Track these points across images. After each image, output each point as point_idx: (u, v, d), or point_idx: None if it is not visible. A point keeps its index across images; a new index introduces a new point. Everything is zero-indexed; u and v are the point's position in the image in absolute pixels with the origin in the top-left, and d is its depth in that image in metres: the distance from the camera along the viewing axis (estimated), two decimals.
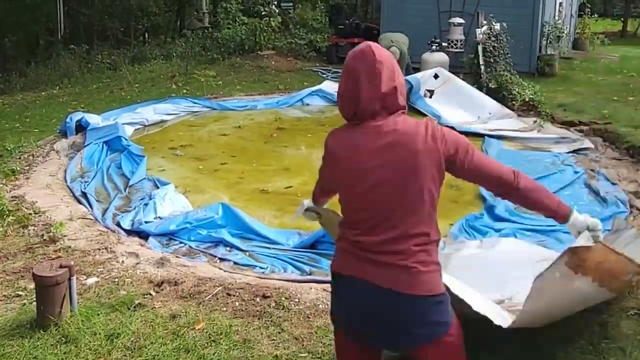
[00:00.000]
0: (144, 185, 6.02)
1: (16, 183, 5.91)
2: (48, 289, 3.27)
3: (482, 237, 4.73)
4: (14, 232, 4.72)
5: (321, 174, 2.34)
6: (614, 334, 3.33)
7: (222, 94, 10.43)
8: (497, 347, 3.19)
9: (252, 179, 6.41)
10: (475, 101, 8.92)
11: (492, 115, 8.62)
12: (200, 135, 8.09)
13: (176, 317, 3.48)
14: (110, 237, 4.70)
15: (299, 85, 11.17)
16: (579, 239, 2.14)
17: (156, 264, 4.22)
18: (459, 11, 11.45)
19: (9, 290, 3.82)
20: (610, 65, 12.64)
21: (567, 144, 7.38)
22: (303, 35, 14.72)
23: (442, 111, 8.67)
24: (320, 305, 3.66)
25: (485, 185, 2.23)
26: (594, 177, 6.19)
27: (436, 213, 2.07)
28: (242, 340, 3.26)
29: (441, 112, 8.64)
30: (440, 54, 10.56)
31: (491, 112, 8.70)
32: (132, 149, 6.91)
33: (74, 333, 3.24)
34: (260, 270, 4.32)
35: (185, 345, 3.19)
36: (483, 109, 8.74)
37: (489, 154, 6.98)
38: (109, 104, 9.68)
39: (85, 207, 5.45)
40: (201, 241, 4.77)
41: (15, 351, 3.13)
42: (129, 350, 3.16)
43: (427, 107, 8.92)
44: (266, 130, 8.32)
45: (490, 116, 8.60)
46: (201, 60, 13.84)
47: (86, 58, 15.17)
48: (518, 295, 3.05)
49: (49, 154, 6.97)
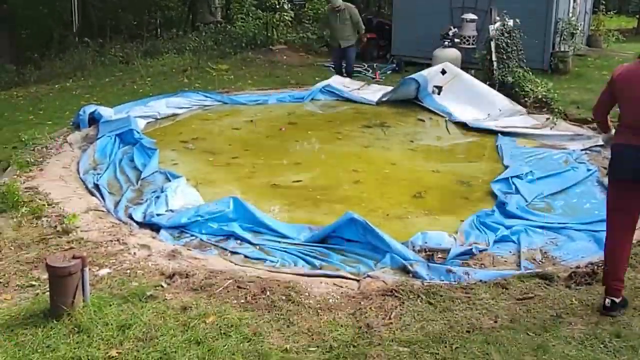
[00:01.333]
0: (155, 178, 6.05)
1: (30, 174, 5.96)
2: (61, 280, 3.31)
3: (494, 234, 4.72)
4: (28, 223, 4.77)
5: (603, 96, 3.81)
6: (626, 332, 3.33)
7: (233, 88, 10.45)
8: (508, 348, 3.20)
9: (263, 173, 6.43)
10: (485, 98, 8.81)
11: (502, 113, 8.52)
12: (211, 129, 8.12)
13: (187, 309, 3.51)
14: (123, 229, 4.74)
15: (310, 81, 11.16)
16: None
17: (167, 256, 4.26)
18: (472, 7, 11.37)
19: (23, 280, 3.87)
20: (624, 63, 12.49)
21: (581, 142, 7.32)
22: (315, 30, 14.70)
23: (451, 108, 8.60)
24: (330, 300, 3.68)
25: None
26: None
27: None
28: (252, 333, 3.29)
29: (450, 109, 8.58)
30: (452, 50, 10.50)
31: (501, 109, 8.59)
32: (144, 142, 6.94)
33: (86, 323, 3.28)
34: (270, 263, 4.34)
35: (195, 337, 3.22)
36: (493, 106, 8.64)
37: (502, 150, 6.97)
38: (121, 97, 9.73)
39: (97, 199, 5.49)
40: (212, 234, 4.80)
41: (28, 340, 3.17)
42: (140, 341, 3.20)
43: (436, 104, 8.85)
44: (277, 124, 8.33)
45: (500, 113, 8.51)
46: (213, 55, 13.86)
47: (99, 51, 15.24)
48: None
49: (62, 146, 7.03)
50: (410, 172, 6.50)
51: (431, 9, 11.85)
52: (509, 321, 3.44)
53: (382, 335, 3.29)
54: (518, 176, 5.99)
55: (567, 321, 3.44)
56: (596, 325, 3.38)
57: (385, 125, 8.31)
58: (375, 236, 4.49)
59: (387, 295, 3.72)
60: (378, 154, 7.14)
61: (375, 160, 6.90)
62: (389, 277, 4.03)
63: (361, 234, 4.58)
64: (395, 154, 7.15)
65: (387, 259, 4.32)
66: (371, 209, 5.40)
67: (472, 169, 6.50)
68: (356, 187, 6.02)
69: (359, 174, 6.37)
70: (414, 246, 4.50)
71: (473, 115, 8.43)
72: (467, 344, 3.20)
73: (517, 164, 6.42)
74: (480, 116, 8.45)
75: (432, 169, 6.56)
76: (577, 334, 3.31)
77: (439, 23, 11.37)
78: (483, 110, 8.59)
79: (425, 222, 5.16)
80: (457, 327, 3.38)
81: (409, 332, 3.33)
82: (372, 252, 4.49)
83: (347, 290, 3.83)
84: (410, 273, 4.13)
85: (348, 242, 4.63)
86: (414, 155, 7.12)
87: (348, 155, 7.10)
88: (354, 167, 6.59)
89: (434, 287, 3.80)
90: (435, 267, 4.19)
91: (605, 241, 3.65)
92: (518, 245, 4.59)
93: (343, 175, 6.41)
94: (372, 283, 3.92)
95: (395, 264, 4.26)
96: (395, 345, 3.19)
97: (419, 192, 5.81)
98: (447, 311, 3.54)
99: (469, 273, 4.08)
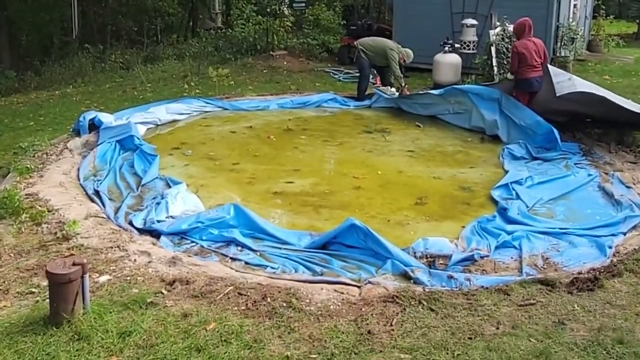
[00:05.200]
0: (156, 184, 6.04)
1: (30, 181, 5.96)
2: (61, 287, 3.30)
3: (495, 240, 4.71)
4: (28, 230, 4.76)
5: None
6: (628, 339, 3.31)
7: (234, 94, 10.46)
8: (510, 355, 3.18)
9: (263, 179, 6.42)
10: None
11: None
12: (212, 135, 8.12)
13: (188, 316, 3.50)
14: (123, 236, 4.73)
15: (310, 86, 11.18)
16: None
17: (168, 262, 4.24)
18: (472, 12, 11.39)
19: (23, 287, 3.85)
20: (625, 68, 12.53)
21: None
22: (315, 35, 14.73)
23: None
24: (331, 306, 3.67)
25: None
26: (608, 180, 6.13)
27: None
28: (253, 340, 3.27)
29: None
30: (453, 55, 10.52)
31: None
32: (144, 148, 6.94)
33: (86, 330, 3.26)
34: (271, 270, 4.32)
35: (196, 345, 3.20)
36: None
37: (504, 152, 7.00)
38: (121, 103, 9.74)
39: (98, 206, 5.48)
40: (213, 241, 4.78)
41: (28, 347, 3.16)
42: (140, 348, 3.18)
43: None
44: (278, 131, 8.33)
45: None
46: (213, 60, 13.89)
47: (100, 57, 15.30)
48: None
49: (63, 153, 7.03)
50: (410, 178, 6.49)
51: (431, 14, 11.89)
52: (510, 327, 3.42)
53: (383, 341, 3.27)
54: (517, 182, 5.99)
55: (570, 327, 3.42)
56: (599, 332, 3.37)
57: (385, 131, 8.31)
58: (376, 242, 4.48)
59: (388, 302, 3.70)
60: (379, 159, 7.13)
61: (376, 166, 6.89)
62: (390, 283, 4.02)
63: (362, 240, 4.57)
64: (396, 159, 7.14)
65: (388, 265, 4.30)
66: (372, 215, 5.39)
67: (473, 175, 6.49)
68: (357, 193, 6.01)
69: (360, 180, 6.36)
70: (415, 252, 4.49)
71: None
72: (468, 351, 3.19)
73: (516, 169, 6.43)
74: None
75: (433, 174, 6.55)
76: (580, 340, 3.29)
77: (440, 28, 11.39)
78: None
79: (426, 228, 5.15)
80: (459, 333, 3.36)
81: (411, 338, 3.31)
82: (373, 258, 4.47)
83: (348, 297, 3.82)
84: (411, 279, 4.12)
85: (349, 248, 4.62)
86: (414, 161, 7.12)
87: (349, 161, 7.10)
88: (354, 173, 6.58)
89: (435, 294, 3.79)
90: (436, 273, 4.18)
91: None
92: (519, 251, 4.57)
93: (344, 181, 6.41)
94: (373, 289, 3.90)
95: (396, 270, 4.24)
96: (397, 352, 3.18)
97: (420, 198, 5.80)
98: (449, 317, 3.53)
99: (470, 279, 4.07)
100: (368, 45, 9.86)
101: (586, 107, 7.40)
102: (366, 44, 9.92)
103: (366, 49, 9.82)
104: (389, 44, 9.78)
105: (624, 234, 4.92)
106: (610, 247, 4.59)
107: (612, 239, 4.76)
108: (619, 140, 7.37)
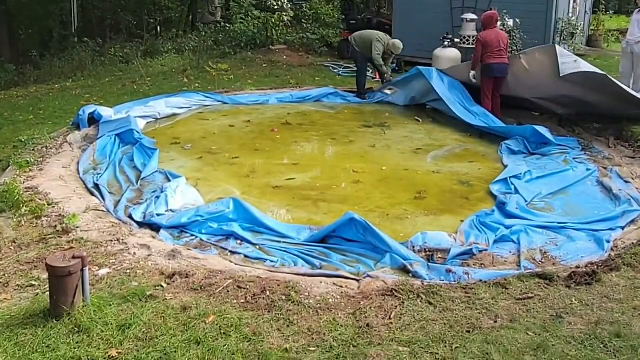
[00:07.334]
0: (155, 178, 6.05)
1: (30, 174, 5.96)
2: (61, 280, 3.31)
3: (493, 234, 4.73)
4: (28, 223, 4.77)
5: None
6: (626, 332, 3.33)
7: (233, 88, 10.46)
8: (508, 348, 3.20)
9: (262, 173, 6.43)
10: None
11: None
12: (211, 129, 8.12)
13: (187, 309, 3.51)
14: (122, 229, 4.74)
15: (310, 81, 11.17)
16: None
17: (167, 256, 4.26)
18: (472, 7, 11.37)
19: (23, 280, 3.86)
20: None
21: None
22: (315, 30, 14.70)
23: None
24: (330, 299, 3.68)
25: None
26: (607, 174, 6.14)
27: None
28: (252, 332, 3.29)
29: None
30: (452, 50, 10.50)
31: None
32: (144, 142, 6.94)
33: (86, 323, 3.28)
34: (270, 263, 4.34)
35: (195, 337, 3.22)
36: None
37: (502, 147, 7.01)
38: (121, 97, 9.74)
39: (97, 199, 5.49)
40: (212, 234, 4.80)
41: (28, 340, 3.17)
42: (140, 341, 3.20)
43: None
44: (277, 125, 8.33)
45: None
46: (213, 55, 13.87)
47: (99, 51, 15.27)
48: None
49: (62, 146, 7.03)
50: (409, 172, 6.50)
51: (431, 9, 11.87)
52: (508, 321, 3.44)
53: (382, 335, 3.29)
54: (516, 176, 6.00)
55: (567, 321, 3.44)
56: (596, 325, 3.38)
57: (385, 125, 8.32)
58: (375, 236, 4.49)
59: (387, 295, 3.72)
60: (378, 154, 7.14)
61: (375, 160, 6.90)
62: (389, 277, 4.03)
63: (361, 234, 4.58)
64: (395, 154, 7.15)
65: (387, 259, 4.32)
66: (371, 209, 5.40)
67: (472, 169, 6.50)
68: (356, 187, 6.03)
69: (359, 174, 6.37)
70: (413, 246, 4.50)
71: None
72: (467, 344, 3.20)
73: (515, 164, 6.44)
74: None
75: (432, 169, 6.56)
76: (577, 333, 3.31)
77: (439, 23, 11.37)
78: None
79: (425, 222, 5.16)
80: (457, 327, 3.38)
81: (409, 331, 3.33)
82: (372, 252, 4.49)
83: (347, 290, 3.83)
84: (410, 273, 4.13)
85: (348, 242, 4.64)
86: (413, 155, 7.12)
87: (348, 155, 7.10)
88: (354, 167, 6.59)
89: (433, 287, 3.80)
90: (435, 267, 4.19)
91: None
92: (518, 245, 4.59)
93: (343, 175, 6.42)
94: (372, 283, 3.92)
95: (395, 264, 4.26)
96: (395, 345, 3.19)
97: (419, 192, 5.81)
98: (447, 311, 3.54)
99: (468, 273, 4.08)
100: (358, 38, 9.94)
101: (589, 92, 7.41)
102: (356, 36, 9.99)
103: (356, 41, 9.90)
104: (375, 35, 9.81)
105: (622, 228, 4.94)
106: (609, 242, 4.61)
107: (610, 234, 4.78)
108: (617, 135, 7.39)
